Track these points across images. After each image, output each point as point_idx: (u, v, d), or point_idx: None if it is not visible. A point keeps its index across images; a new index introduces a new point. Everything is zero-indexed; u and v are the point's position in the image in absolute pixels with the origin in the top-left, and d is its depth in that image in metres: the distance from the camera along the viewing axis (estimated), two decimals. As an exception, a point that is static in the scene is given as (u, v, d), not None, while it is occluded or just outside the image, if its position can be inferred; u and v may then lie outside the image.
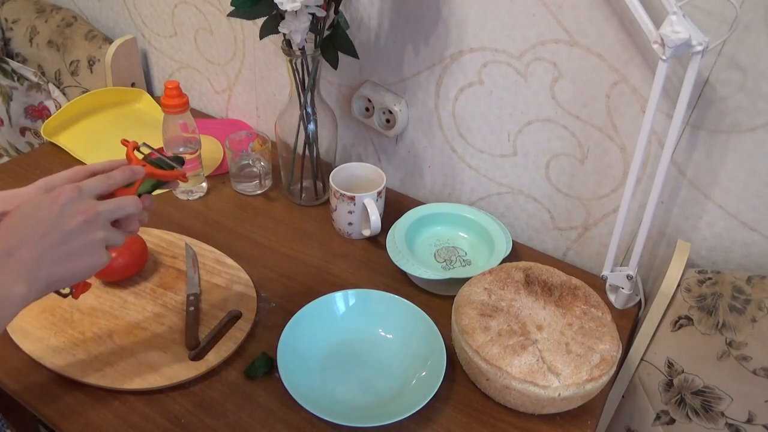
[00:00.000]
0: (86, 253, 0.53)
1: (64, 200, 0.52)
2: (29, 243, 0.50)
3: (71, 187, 0.53)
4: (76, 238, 0.52)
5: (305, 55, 0.84)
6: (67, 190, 0.53)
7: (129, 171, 0.58)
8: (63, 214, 0.52)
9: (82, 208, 0.53)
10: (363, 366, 0.73)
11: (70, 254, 0.52)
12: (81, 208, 0.53)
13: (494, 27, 0.81)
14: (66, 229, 0.51)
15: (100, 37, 1.20)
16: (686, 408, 0.79)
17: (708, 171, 0.76)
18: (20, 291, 0.49)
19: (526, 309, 0.72)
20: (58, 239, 0.51)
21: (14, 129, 1.25)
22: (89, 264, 0.53)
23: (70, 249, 0.51)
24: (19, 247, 0.49)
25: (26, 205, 0.53)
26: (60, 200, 0.52)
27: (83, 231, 0.52)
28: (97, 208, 0.54)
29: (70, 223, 0.52)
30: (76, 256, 0.52)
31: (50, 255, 0.50)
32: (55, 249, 0.51)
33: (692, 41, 0.63)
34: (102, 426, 0.65)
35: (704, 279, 0.73)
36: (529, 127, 0.87)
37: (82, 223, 0.52)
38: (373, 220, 0.87)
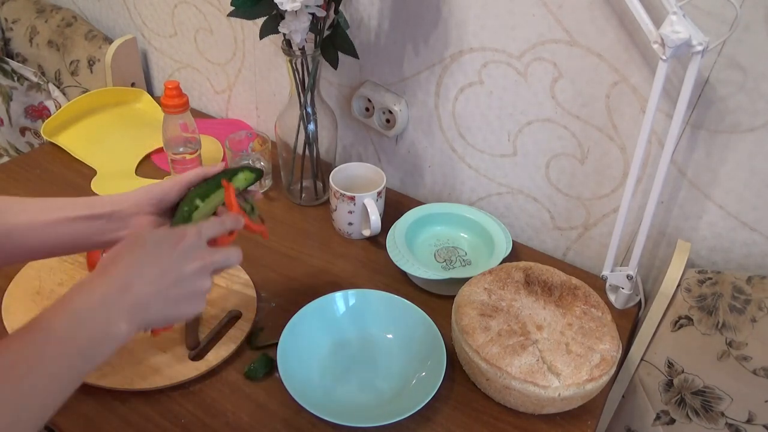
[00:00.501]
0: (192, 299, 0.53)
1: (186, 244, 0.52)
2: (145, 280, 0.49)
3: (194, 231, 0.54)
4: (188, 284, 0.52)
5: (305, 55, 0.84)
6: (191, 234, 0.54)
7: (237, 221, 0.60)
8: (184, 257, 0.52)
9: (200, 254, 0.53)
10: (363, 366, 0.73)
11: (178, 299, 0.51)
12: (199, 254, 0.53)
13: (494, 27, 0.81)
14: (183, 273, 0.51)
15: (100, 37, 1.20)
16: (686, 408, 0.79)
17: (708, 171, 0.76)
18: (125, 330, 0.47)
19: (526, 309, 0.72)
20: (172, 282, 0.51)
21: (14, 129, 1.25)
22: (190, 311, 0.53)
23: (179, 294, 0.51)
24: (134, 283, 0.49)
25: (148, 237, 0.52)
26: (183, 243, 0.52)
27: (196, 277, 0.52)
28: (213, 257, 0.54)
29: (187, 268, 0.52)
30: (183, 302, 0.52)
31: (161, 297, 0.50)
32: (167, 291, 0.50)
33: (692, 41, 0.63)
34: (102, 426, 0.65)
35: (704, 279, 0.73)
36: (529, 127, 0.87)
37: (197, 270, 0.52)
38: (373, 220, 0.87)
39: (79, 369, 0.45)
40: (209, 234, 0.56)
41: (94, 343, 0.46)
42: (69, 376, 0.45)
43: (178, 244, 0.52)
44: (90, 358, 0.46)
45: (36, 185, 0.99)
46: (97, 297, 0.47)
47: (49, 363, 0.43)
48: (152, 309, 0.50)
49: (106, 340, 0.47)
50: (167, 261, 0.51)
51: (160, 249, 0.51)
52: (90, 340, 0.45)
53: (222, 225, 0.58)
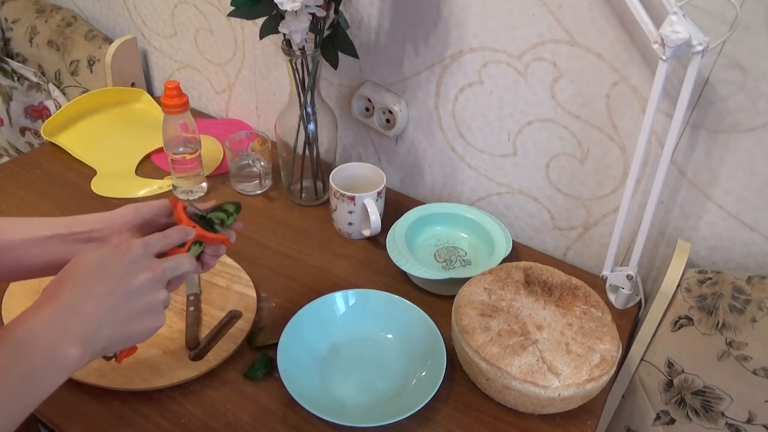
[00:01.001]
0: (148, 314, 0.50)
1: (132, 256, 0.50)
2: (93, 299, 0.47)
3: (139, 242, 0.52)
4: (141, 296, 0.50)
5: (305, 55, 0.84)
6: (136, 245, 0.51)
7: (183, 231, 0.57)
8: (130, 269, 0.50)
9: (149, 265, 0.51)
10: (363, 366, 0.73)
11: (132, 315, 0.49)
12: (147, 265, 0.51)
13: (494, 27, 0.81)
14: (132, 286, 0.49)
15: (100, 37, 1.20)
16: (686, 408, 0.79)
17: (708, 171, 0.76)
18: (75, 354, 0.44)
19: (526, 309, 0.72)
20: (123, 296, 0.48)
21: (14, 129, 1.25)
22: (148, 326, 0.51)
23: (133, 308, 0.49)
24: (82, 303, 0.46)
25: (91, 255, 0.49)
26: (128, 256, 0.50)
27: (148, 290, 0.50)
28: (162, 265, 0.52)
29: (136, 280, 0.49)
30: (138, 318, 0.49)
31: (113, 314, 0.48)
32: (119, 308, 0.48)
33: (692, 41, 0.63)
34: (102, 426, 0.65)
35: (704, 279, 0.73)
36: (529, 127, 0.87)
37: (148, 281, 0.50)
38: (373, 220, 0.87)
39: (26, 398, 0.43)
40: (155, 247, 0.53)
41: (39, 371, 0.43)
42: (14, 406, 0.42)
43: (123, 258, 0.50)
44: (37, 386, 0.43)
45: (36, 185, 0.99)
46: (42, 322, 0.44)
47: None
48: (106, 329, 0.47)
49: (53, 367, 0.44)
50: (114, 277, 0.48)
51: (104, 265, 0.49)
52: (35, 367, 0.43)
53: (167, 238, 0.55)
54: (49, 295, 0.47)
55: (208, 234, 0.60)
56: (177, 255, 0.55)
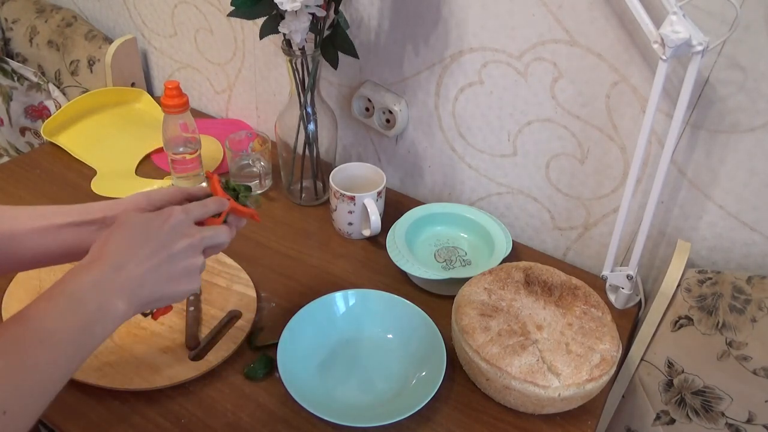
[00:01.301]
0: (186, 276, 0.53)
1: (174, 221, 0.53)
2: (137, 259, 0.50)
3: (180, 209, 0.55)
4: (180, 260, 0.53)
5: (305, 55, 0.84)
6: (177, 212, 0.54)
7: (220, 202, 0.60)
8: (172, 234, 0.53)
9: (189, 231, 0.54)
10: (363, 366, 0.73)
11: (171, 276, 0.52)
12: (188, 231, 0.54)
13: (494, 27, 0.81)
14: (173, 250, 0.52)
15: (100, 37, 1.20)
16: (686, 408, 0.79)
17: (708, 171, 0.76)
18: (122, 307, 0.48)
19: (526, 309, 0.72)
20: (164, 259, 0.51)
21: (14, 129, 1.25)
22: (186, 288, 0.54)
23: (172, 271, 0.52)
24: (127, 263, 0.49)
25: (136, 218, 0.53)
26: (171, 221, 0.53)
27: (187, 255, 0.53)
28: (201, 233, 0.55)
29: (177, 245, 0.52)
30: (177, 279, 0.53)
31: (154, 275, 0.51)
32: (159, 269, 0.51)
33: (692, 41, 0.63)
34: (102, 426, 0.65)
35: (704, 279, 0.73)
36: (529, 127, 0.87)
37: (187, 247, 0.53)
38: (373, 220, 0.87)
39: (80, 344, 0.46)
40: (195, 214, 0.57)
41: (91, 323, 0.47)
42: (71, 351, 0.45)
43: (166, 223, 0.53)
44: (90, 334, 0.47)
45: (36, 185, 0.99)
46: (90, 279, 0.48)
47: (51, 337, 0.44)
48: (147, 287, 0.50)
49: (104, 320, 0.47)
50: (156, 240, 0.52)
51: (148, 229, 0.52)
52: (87, 320, 0.46)
53: (205, 207, 0.58)
54: (97, 253, 0.50)
55: (240, 207, 0.64)
56: (215, 225, 0.59)
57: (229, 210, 0.62)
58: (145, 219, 0.53)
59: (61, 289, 0.47)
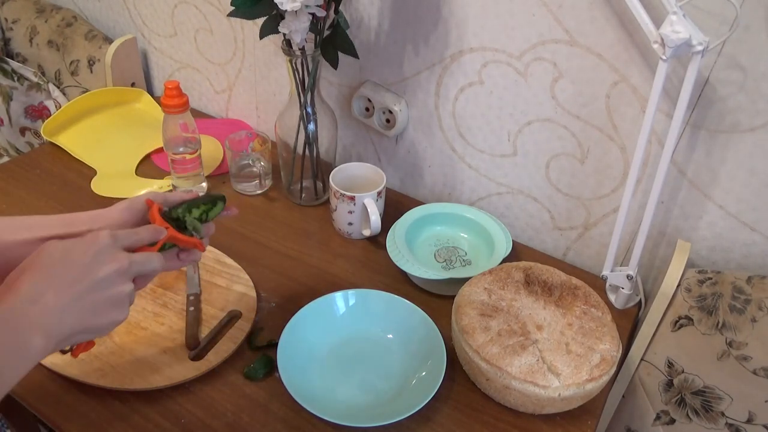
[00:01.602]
0: (111, 306, 0.50)
1: (99, 247, 0.50)
2: (56, 289, 0.46)
3: (105, 233, 0.51)
4: (105, 288, 0.49)
5: (305, 55, 0.84)
6: (102, 236, 0.50)
7: (154, 230, 0.56)
8: (96, 260, 0.49)
9: (115, 257, 0.50)
10: (363, 366, 0.73)
11: (96, 306, 0.48)
12: (114, 256, 0.50)
13: (494, 27, 0.81)
14: (98, 277, 0.48)
15: (100, 37, 1.20)
16: (686, 408, 0.79)
17: (708, 171, 0.76)
18: (38, 343, 0.44)
19: (526, 309, 0.72)
20: (87, 287, 0.48)
21: (14, 129, 1.25)
22: (112, 318, 0.50)
23: (97, 299, 0.48)
24: (44, 294, 0.46)
25: (55, 246, 0.49)
26: (95, 246, 0.49)
27: (114, 282, 0.50)
28: (130, 258, 0.51)
29: (102, 271, 0.49)
30: (102, 309, 0.49)
31: (76, 305, 0.47)
32: (82, 299, 0.47)
33: (692, 41, 0.63)
34: (102, 426, 0.65)
35: (704, 279, 0.73)
36: (529, 127, 0.87)
37: (113, 273, 0.49)
38: (373, 220, 0.87)
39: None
40: (124, 241, 0.53)
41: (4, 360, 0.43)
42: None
43: (90, 248, 0.49)
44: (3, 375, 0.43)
45: (36, 185, 0.99)
46: (2, 312, 0.44)
47: None
48: (68, 319, 0.46)
49: (16, 357, 0.44)
50: (79, 267, 0.48)
51: (70, 256, 0.48)
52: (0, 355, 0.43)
53: (136, 235, 0.54)
54: (10, 285, 0.46)
55: (180, 236, 0.59)
56: (146, 251, 0.54)
57: (166, 239, 0.57)
58: (66, 245, 0.49)
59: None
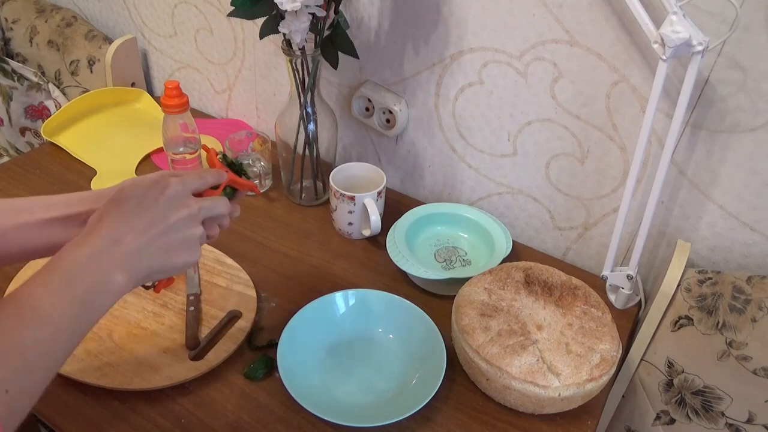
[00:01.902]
0: (184, 247, 0.53)
1: (171, 192, 0.52)
2: (135, 232, 0.49)
3: (177, 180, 0.54)
4: (178, 231, 0.52)
5: (305, 55, 0.84)
6: (173, 183, 0.53)
7: (217, 173, 0.60)
8: (169, 206, 0.52)
9: (186, 202, 0.53)
10: (363, 366, 0.73)
11: (170, 247, 0.52)
12: (185, 202, 0.53)
13: (494, 27, 0.81)
14: (171, 221, 0.52)
15: (100, 37, 1.20)
16: (686, 408, 0.79)
17: (708, 171, 0.76)
18: (121, 280, 0.48)
19: (526, 309, 0.72)
20: (162, 230, 0.51)
21: (14, 129, 1.25)
22: (185, 259, 0.53)
23: (171, 242, 0.52)
24: (124, 236, 0.49)
25: (132, 190, 0.52)
26: (167, 192, 0.52)
27: (185, 225, 0.53)
28: (199, 203, 0.54)
29: (174, 216, 0.52)
30: (175, 250, 0.52)
31: (153, 246, 0.50)
32: (157, 240, 0.51)
33: (692, 41, 0.63)
34: (102, 426, 0.65)
35: (704, 279, 0.73)
36: (529, 127, 0.87)
37: (185, 218, 0.53)
38: (373, 220, 0.87)
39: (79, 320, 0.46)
40: (192, 186, 0.55)
41: (89, 298, 0.46)
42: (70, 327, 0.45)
43: (162, 194, 0.52)
44: (89, 309, 0.46)
45: (36, 185, 0.99)
46: (86, 253, 0.47)
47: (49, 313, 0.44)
48: (145, 259, 0.50)
49: (102, 294, 0.47)
50: (153, 211, 0.51)
51: (145, 201, 0.51)
52: (86, 291, 0.46)
53: (202, 178, 0.57)
54: (93, 227, 0.50)
55: (239, 179, 0.63)
56: (215, 197, 0.58)
57: (227, 182, 0.61)
58: (142, 191, 0.52)
59: (56, 264, 0.46)
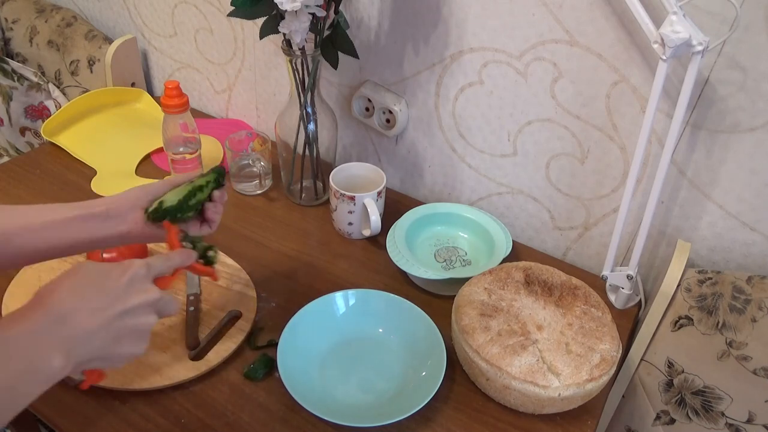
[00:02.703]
0: (134, 337, 0.50)
1: (132, 275, 0.50)
2: (87, 311, 0.46)
3: (141, 263, 0.52)
4: (132, 318, 0.49)
5: (305, 55, 0.84)
6: (137, 265, 0.51)
7: (186, 255, 0.59)
8: (129, 289, 0.49)
9: (147, 287, 0.51)
10: (363, 366, 0.73)
11: (119, 335, 0.48)
12: (147, 287, 0.51)
13: (494, 27, 0.81)
14: (128, 305, 0.49)
15: (100, 37, 1.20)
16: (686, 408, 0.79)
17: (708, 171, 0.76)
18: (58, 364, 0.44)
19: (526, 309, 0.72)
20: (116, 315, 0.48)
21: (14, 129, 1.25)
22: (131, 350, 0.50)
23: (121, 329, 0.48)
24: (75, 314, 0.45)
25: (92, 267, 0.49)
26: (129, 274, 0.50)
27: (141, 313, 0.50)
28: (158, 292, 0.52)
29: (132, 301, 0.49)
30: (125, 339, 0.49)
31: (103, 331, 0.47)
32: (109, 325, 0.47)
33: (692, 41, 0.63)
34: (102, 426, 0.65)
35: (704, 279, 0.73)
36: (529, 126, 0.87)
37: (143, 304, 0.50)
38: (373, 220, 0.87)
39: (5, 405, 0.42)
40: (157, 268, 0.53)
41: (20, 378, 0.42)
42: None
43: (124, 276, 0.49)
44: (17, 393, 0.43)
45: (36, 185, 0.99)
46: (27, 327, 0.44)
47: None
48: (92, 343, 0.46)
49: (34, 375, 0.43)
50: (112, 292, 0.48)
51: (105, 279, 0.49)
52: (16, 372, 0.42)
53: (168, 261, 0.56)
54: (41, 300, 0.46)
55: (199, 266, 0.61)
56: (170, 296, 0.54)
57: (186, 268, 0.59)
58: (103, 268, 0.50)
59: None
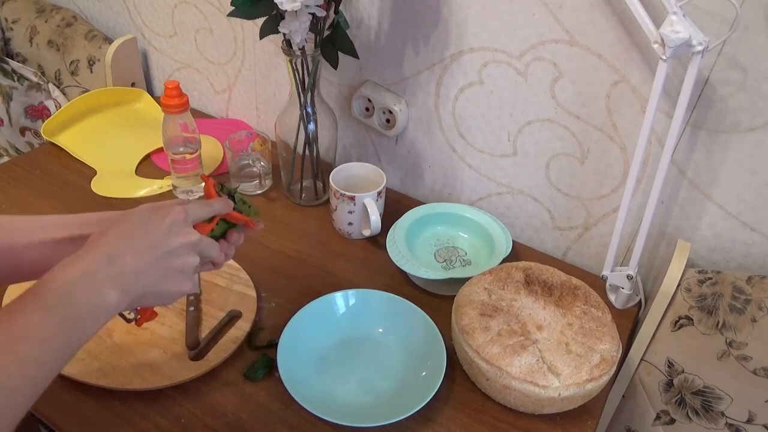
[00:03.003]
0: (180, 275, 0.53)
1: (173, 219, 0.53)
2: (133, 253, 0.50)
3: (180, 209, 0.55)
4: (176, 258, 0.53)
5: (305, 55, 0.84)
6: (177, 211, 0.54)
7: (224, 203, 0.60)
8: (170, 232, 0.53)
9: (187, 231, 0.54)
10: (363, 366, 0.73)
11: (166, 273, 0.52)
12: (186, 231, 0.54)
13: (494, 27, 0.81)
14: (170, 247, 0.52)
15: (100, 37, 1.20)
16: (686, 408, 0.79)
17: (708, 171, 0.76)
18: (114, 298, 0.48)
19: (526, 309, 0.72)
20: (160, 255, 0.51)
21: (14, 129, 1.25)
22: (178, 288, 0.53)
23: (167, 268, 0.52)
24: (122, 255, 0.49)
25: (136, 214, 0.53)
26: (169, 218, 0.53)
27: (183, 253, 0.53)
28: (197, 235, 0.55)
29: (174, 243, 0.52)
30: (171, 277, 0.52)
31: (150, 269, 0.51)
32: (155, 265, 0.51)
33: (692, 41, 0.63)
34: (102, 426, 0.65)
35: (704, 279, 0.73)
36: (529, 126, 0.87)
37: (184, 245, 0.53)
38: (373, 220, 0.87)
39: (69, 339, 0.46)
40: (195, 213, 0.56)
41: (82, 313, 0.46)
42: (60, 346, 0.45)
43: (165, 220, 0.53)
44: (80, 328, 0.46)
45: (36, 185, 0.99)
46: (83, 268, 0.47)
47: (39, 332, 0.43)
48: (141, 280, 0.50)
49: (95, 310, 0.47)
50: (155, 235, 0.52)
51: (148, 223, 0.52)
52: (78, 309, 0.46)
53: (209, 206, 0.59)
54: (91, 244, 0.50)
55: (235, 213, 0.62)
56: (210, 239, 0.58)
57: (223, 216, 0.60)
58: (145, 214, 0.53)
59: (49, 281, 0.46)
